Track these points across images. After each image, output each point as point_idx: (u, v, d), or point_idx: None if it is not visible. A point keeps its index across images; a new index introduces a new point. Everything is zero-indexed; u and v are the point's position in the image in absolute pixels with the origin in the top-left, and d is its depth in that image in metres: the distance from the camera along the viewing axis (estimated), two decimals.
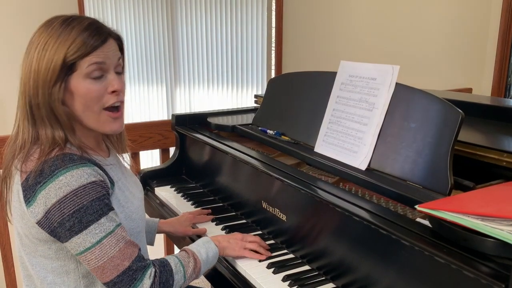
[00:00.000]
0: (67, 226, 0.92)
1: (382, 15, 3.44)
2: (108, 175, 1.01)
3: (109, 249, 0.93)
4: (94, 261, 0.93)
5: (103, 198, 0.95)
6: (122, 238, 0.95)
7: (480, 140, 1.25)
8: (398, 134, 1.17)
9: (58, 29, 0.95)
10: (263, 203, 1.34)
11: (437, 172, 1.05)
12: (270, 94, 1.68)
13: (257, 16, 3.32)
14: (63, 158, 0.93)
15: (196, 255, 1.08)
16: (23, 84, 0.96)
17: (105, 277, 0.94)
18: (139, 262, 0.96)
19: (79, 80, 0.96)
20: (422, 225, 0.94)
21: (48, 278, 1.01)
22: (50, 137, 0.95)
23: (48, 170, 0.91)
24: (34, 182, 0.92)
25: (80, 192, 0.91)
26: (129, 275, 0.94)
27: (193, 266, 1.06)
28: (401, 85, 1.20)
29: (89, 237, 0.92)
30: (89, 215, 0.92)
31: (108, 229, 0.94)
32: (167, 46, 3.36)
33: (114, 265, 0.93)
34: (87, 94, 0.97)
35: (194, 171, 1.80)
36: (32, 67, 0.94)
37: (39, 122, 0.96)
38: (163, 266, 1.00)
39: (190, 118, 1.86)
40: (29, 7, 2.59)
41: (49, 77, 0.93)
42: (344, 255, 1.07)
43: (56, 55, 0.93)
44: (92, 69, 0.96)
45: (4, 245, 1.89)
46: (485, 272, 0.77)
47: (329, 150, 1.33)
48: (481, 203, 0.86)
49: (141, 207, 1.14)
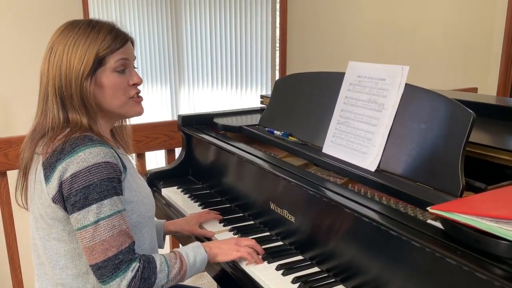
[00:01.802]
0: (72, 201, 0.97)
1: (387, 15, 3.43)
2: (122, 161, 1.07)
3: (103, 232, 0.98)
4: (86, 240, 0.98)
5: (113, 180, 1.00)
6: (118, 226, 1.00)
7: (490, 141, 1.25)
8: (408, 135, 1.16)
9: (86, 29, 1.06)
10: (271, 204, 1.34)
11: (448, 173, 1.04)
12: (277, 94, 1.68)
13: (261, 16, 3.31)
14: (83, 137, 1.00)
15: (183, 257, 1.10)
16: (52, 78, 1.05)
17: (92, 258, 0.98)
18: (128, 254, 1.00)
19: (107, 74, 1.07)
20: (433, 227, 0.93)
21: (60, 263, 1.05)
22: (79, 121, 1.04)
23: (69, 147, 0.99)
24: (55, 159, 0.99)
25: (94, 169, 0.97)
26: (114, 263, 0.98)
27: (179, 268, 1.08)
28: (410, 86, 1.20)
29: (88, 215, 0.97)
30: (95, 193, 0.97)
31: (108, 212, 0.98)
32: (171, 46, 3.36)
33: (103, 248, 0.97)
34: (115, 86, 1.08)
35: (201, 172, 1.80)
36: (62, 62, 1.04)
37: (70, 109, 1.05)
38: (148, 263, 1.03)
39: (196, 118, 1.85)
40: (33, 10, 2.59)
41: (82, 70, 1.03)
42: (353, 257, 1.06)
43: (88, 50, 1.04)
44: (119, 64, 1.08)
45: (11, 246, 1.89)
46: (498, 275, 0.76)
47: (338, 151, 1.32)
48: (494, 205, 0.86)
49: (150, 194, 1.19)
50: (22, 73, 2.58)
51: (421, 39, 3.53)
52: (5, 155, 1.80)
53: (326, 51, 3.33)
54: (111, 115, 1.13)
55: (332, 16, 3.31)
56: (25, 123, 1.14)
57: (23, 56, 2.58)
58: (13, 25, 2.56)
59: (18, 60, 2.59)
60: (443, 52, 3.61)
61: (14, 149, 1.80)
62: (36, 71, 1.09)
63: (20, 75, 2.58)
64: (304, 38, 3.29)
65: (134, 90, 1.13)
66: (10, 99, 2.59)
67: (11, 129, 2.60)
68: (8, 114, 2.61)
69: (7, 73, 2.58)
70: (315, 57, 3.33)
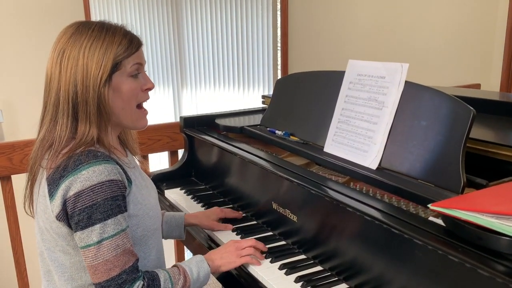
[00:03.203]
0: (76, 220, 0.96)
1: (389, 13, 3.42)
2: (127, 174, 1.05)
3: (106, 252, 0.96)
4: (90, 259, 0.97)
5: (117, 198, 0.98)
6: (122, 245, 0.98)
7: (492, 137, 1.24)
8: (408, 133, 1.16)
9: (100, 32, 1.02)
10: (274, 204, 1.34)
11: (449, 170, 1.04)
12: (278, 94, 1.68)
13: (262, 17, 3.31)
14: (87, 154, 0.98)
15: (187, 273, 1.09)
16: (66, 83, 1.00)
17: (96, 278, 0.97)
18: (131, 273, 0.99)
19: (122, 78, 1.04)
20: (435, 224, 0.93)
21: (66, 274, 1.05)
22: (86, 134, 1.00)
23: (72, 165, 0.96)
24: (59, 176, 0.97)
25: (98, 189, 0.95)
26: (118, 283, 0.97)
27: (182, 284, 1.06)
28: (410, 83, 1.20)
29: (92, 235, 0.96)
30: (98, 213, 0.95)
31: (111, 232, 0.97)
32: (173, 48, 3.36)
33: (106, 268, 0.96)
34: (130, 91, 1.06)
35: (203, 173, 1.80)
36: (78, 66, 1.00)
37: (81, 116, 1.01)
38: (152, 280, 1.02)
39: (198, 120, 1.86)
40: (35, 14, 2.61)
41: (100, 74, 1.00)
42: (356, 255, 1.06)
43: (106, 54, 1.01)
44: (134, 68, 1.06)
45: (16, 250, 1.90)
46: (500, 271, 0.76)
47: (339, 150, 1.32)
48: (495, 201, 0.85)
49: (157, 205, 1.18)
50: (25, 77, 2.60)
51: (423, 37, 3.52)
52: (10, 160, 1.81)
53: (327, 51, 3.33)
54: (118, 123, 1.10)
55: (332, 16, 3.31)
56: (29, 127, 1.13)
57: (26, 60, 2.60)
58: (16, 29, 2.58)
59: (21, 64, 2.60)
60: (446, 49, 3.60)
61: (18, 153, 1.81)
62: (39, 75, 1.06)
63: (24, 79, 2.60)
64: (305, 38, 3.29)
65: (146, 96, 1.11)
66: (14, 104, 2.61)
67: (15, 133, 2.62)
68: (12, 119, 2.63)
69: (10, 77, 2.59)
70: (316, 56, 3.33)
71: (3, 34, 2.56)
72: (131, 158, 1.19)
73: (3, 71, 2.59)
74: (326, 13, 3.29)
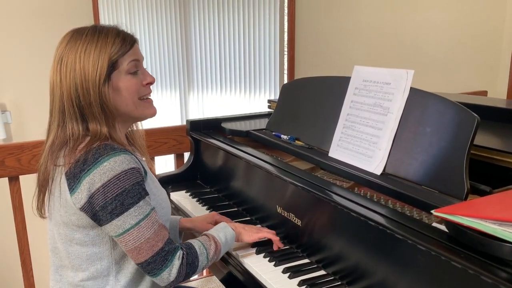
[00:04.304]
0: (109, 209, 1.00)
1: (395, 19, 3.42)
2: (142, 165, 1.10)
3: (146, 231, 1.02)
4: (132, 242, 1.02)
5: (141, 183, 1.04)
6: (156, 221, 1.05)
7: (497, 144, 1.24)
8: (413, 139, 1.16)
9: (93, 35, 1.06)
10: (278, 208, 1.35)
11: (453, 176, 1.05)
12: (283, 99, 1.69)
13: (269, 21, 3.33)
14: (105, 147, 1.02)
15: (216, 238, 1.17)
16: (67, 89, 1.04)
17: (141, 257, 1.03)
18: (170, 244, 1.07)
19: (121, 77, 1.08)
20: (438, 230, 0.93)
21: (82, 266, 1.09)
22: (99, 131, 1.05)
23: (92, 158, 1.00)
24: (79, 170, 1.01)
25: (123, 177, 1.00)
26: (162, 255, 1.04)
27: (214, 248, 1.15)
28: (415, 90, 1.20)
29: (129, 219, 1.01)
30: (130, 198, 1.01)
31: (146, 212, 1.03)
32: (180, 52, 3.39)
33: (149, 245, 1.03)
34: (130, 87, 1.09)
35: (209, 176, 1.81)
36: (76, 71, 1.04)
37: (90, 117, 1.05)
38: (189, 249, 1.10)
39: (204, 123, 1.87)
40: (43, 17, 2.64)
41: (98, 76, 1.04)
42: (360, 260, 1.07)
43: (101, 55, 1.04)
44: (132, 65, 1.09)
45: (23, 250, 1.92)
46: (503, 278, 0.76)
47: (344, 155, 1.33)
48: (498, 208, 0.86)
49: (167, 197, 1.23)
50: (33, 79, 2.62)
51: (430, 43, 3.51)
52: (18, 160, 1.83)
53: (333, 56, 3.34)
54: (127, 118, 1.14)
55: (339, 21, 3.32)
56: (37, 128, 1.15)
57: (34, 62, 2.62)
58: (24, 31, 2.61)
59: (29, 65, 2.63)
60: (453, 56, 3.60)
61: (26, 154, 1.83)
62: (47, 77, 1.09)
63: (32, 80, 2.63)
64: (312, 43, 3.30)
65: (148, 90, 1.15)
66: (22, 105, 2.64)
67: (23, 134, 2.64)
68: (20, 120, 2.66)
69: (18, 79, 2.62)
70: (323, 61, 3.33)
71: (11, 36, 2.59)
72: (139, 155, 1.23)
73: (12, 73, 2.61)
74: (332, 18, 3.30)
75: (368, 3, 3.34)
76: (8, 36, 2.58)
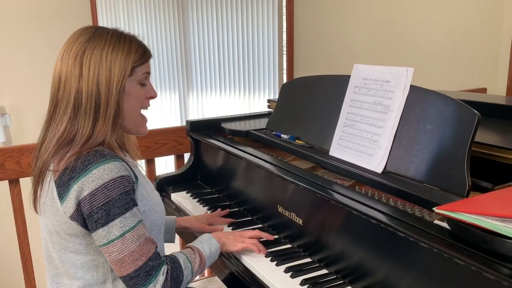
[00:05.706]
0: (95, 218, 0.98)
1: (394, 17, 3.42)
2: (133, 171, 1.08)
3: (130, 244, 1.00)
4: (115, 253, 0.99)
5: (130, 192, 1.02)
6: (143, 235, 1.02)
7: (498, 141, 1.24)
8: (413, 137, 1.16)
9: (119, 38, 1.07)
10: (279, 207, 1.35)
11: (454, 173, 1.05)
12: (283, 98, 1.69)
13: (268, 21, 3.33)
14: (94, 154, 1.00)
15: (200, 251, 1.15)
16: (87, 83, 1.02)
17: (123, 270, 1.00)
18: (155, 259, 1.03)
19: (133, 84, 1.09)
20: (440, 227, 0.93)
21: (77, 274, 1.07)
22: (102, 132, 1.03)
23: (81, 165, 0.99)
24: (68, 178, 0.99)
25: (111, 185, 0.98)
26: (146, 271, 1.01)
27: (199, 261, 1.13)
28: (415, 87, 1.20)
29: (113, 230, 0.99)
30: (116, 208, 0.99)
31: (131, 224, 1.00)
32: (179, 53, 3.38)
33: (133, 259, 1.00)
34: (138, 97, 1.11)
35: (209, 177, 1.81)
36: (102, 68, 1.03)
37: (102, 117, 1.04)
38: (174, 263, 1.07)
39: (204, 124, 1.87)
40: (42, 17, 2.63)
41: (122, 78, 1.05)
42: (361, 259, 1.07)
43: (127, 60, 1.06)
44: (144, 77, 1.11)
45: (24, 253, 1.92)
46: (506, 274, 0.76)
47: (344, 154, 1.33)
48: (500, 205, 0.86)
49: (160, 200, 1.22)
50: (32, 82, 2.62)
51: (429, 41, 3.51)
52: (18, 163, 1.83)
53: (333, 55, 3.34)
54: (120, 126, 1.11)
55: (338, 20, 3.32)
56: (36, 131, 1.14)
57: (33, 65, 2.62)
58: (22, 34, 2.60)
59: (28, 68, 2.63)
60: (452, 53, 3.60)
61: (26, 157, 1.83)
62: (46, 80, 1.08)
63: (31, 83, 2.63)
64: (311, 43, 3.30)
65: (148, 104, 1.16)
66: (21, 108, 2.64)
67: (22, 137, 2.64)
68: (20, 123, 2.65)
69: (17, 82, 2.62)
70: (322, 60, 3.33)
71: (10, 39, 2.59)
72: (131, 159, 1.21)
73: (10, 76, 2.61)
74: (331, 17, 3.30)
75: (366, 2, 3.34)
76: (7, 39, 2.58)
